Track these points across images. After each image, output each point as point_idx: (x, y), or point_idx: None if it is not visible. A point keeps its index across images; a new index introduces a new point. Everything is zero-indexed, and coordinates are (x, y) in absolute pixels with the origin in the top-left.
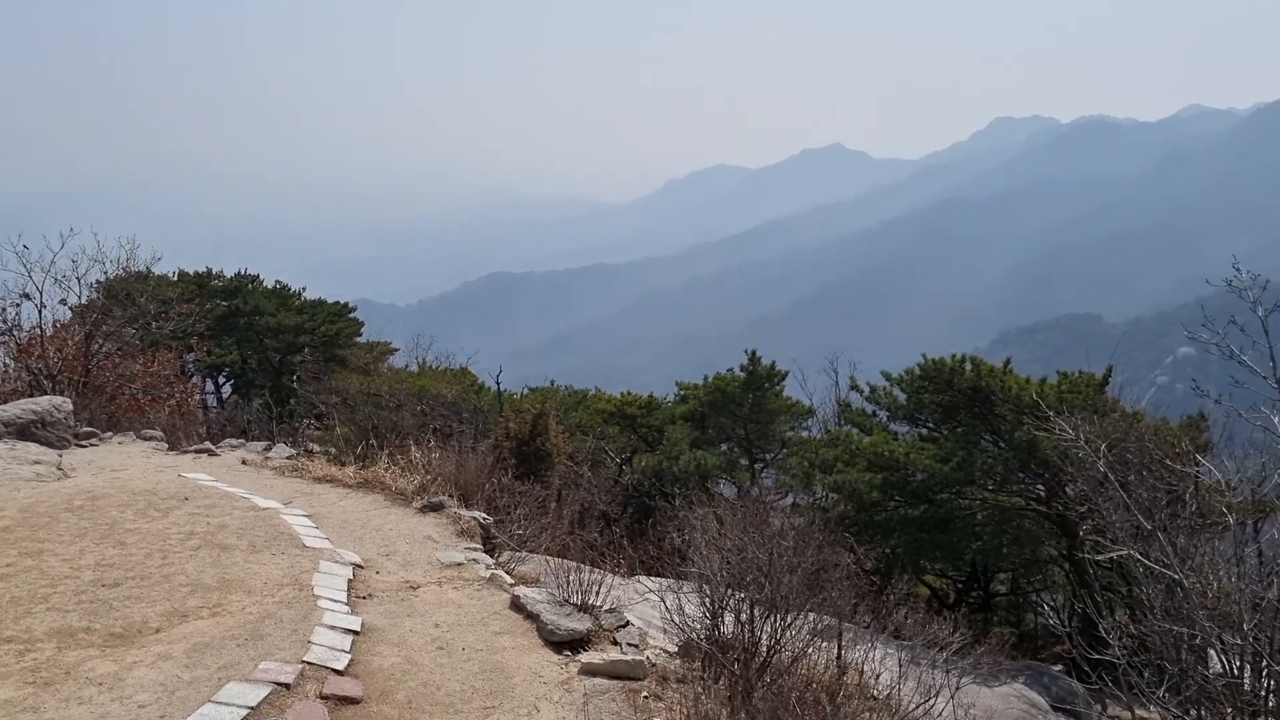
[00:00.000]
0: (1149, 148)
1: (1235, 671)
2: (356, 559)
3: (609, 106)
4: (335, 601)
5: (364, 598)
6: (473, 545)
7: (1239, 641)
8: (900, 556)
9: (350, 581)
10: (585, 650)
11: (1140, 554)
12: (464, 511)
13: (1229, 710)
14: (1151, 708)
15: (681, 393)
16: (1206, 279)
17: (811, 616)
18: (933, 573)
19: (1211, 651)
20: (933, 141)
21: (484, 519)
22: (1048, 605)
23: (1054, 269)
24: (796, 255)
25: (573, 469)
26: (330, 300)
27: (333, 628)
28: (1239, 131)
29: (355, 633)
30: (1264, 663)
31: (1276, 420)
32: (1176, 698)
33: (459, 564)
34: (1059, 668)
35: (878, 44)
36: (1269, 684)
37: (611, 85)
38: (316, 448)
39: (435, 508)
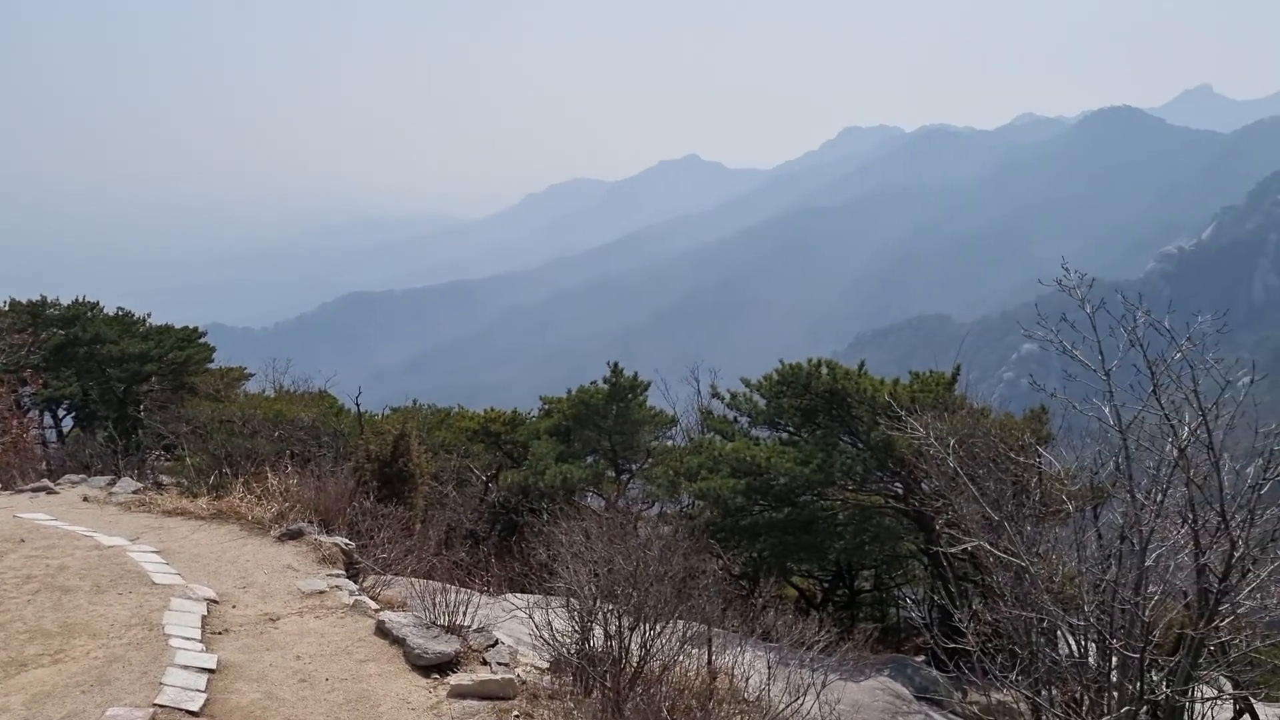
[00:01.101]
0: (987, 155)
1: (1081, 651)
2: (211, 594)
3: (460, 120)
4: (188, 640)
5: (220, 633)
6: (335, 572)
7: (1082, 622)
8: (767, 560)
9: (204, 618)
10: (454, 672)
11: (990, 544)
12: (325, 537)
13: (1077, 688)
14: (1006, 690)
15: (545, 407)
16: (1039, 279)
17: (681, 624)
18: (799, 574)
19: (1060, 633)
20: (785, 151)
21: (346, 544)
22: (909, 599)
23: (905, 272)
24: (657, 266)
25: (437, 489)
26: (179, 326)
27: (186, 667)
28: (1068, 138)
29: (211, 671)
30: (1106, 640)
31: (1107, 410)
32: (1028, 679)
33: (321, 592)
34: (921, 658)
35: (730, 55)
36: (1112, 660)
37: (461, 98)
38: (167, 480)
39: (295, 535)
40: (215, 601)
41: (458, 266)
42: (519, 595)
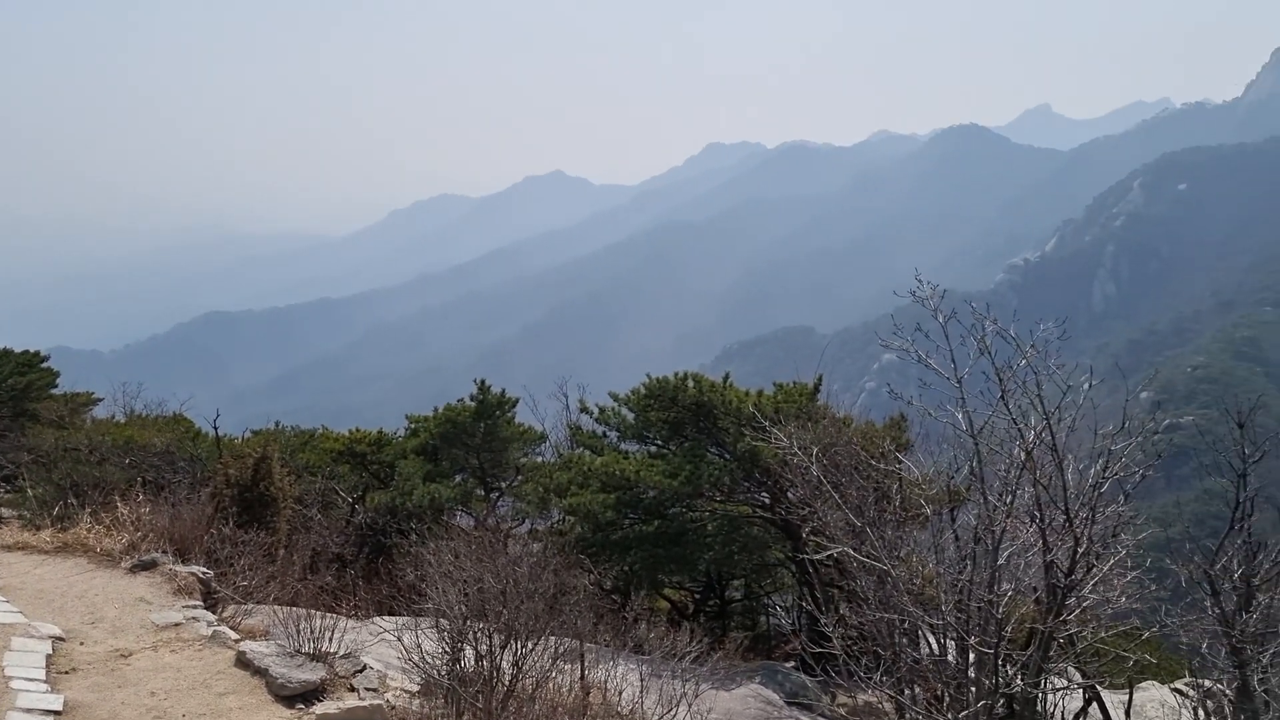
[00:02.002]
0: (846, 170)
1: (941, 649)
2: (56, 631)
3: (322, 137)
4: (32, 680)
5: (67, 672)
6: (192, 603)
7: (941, 621)
8: (638, 573)
9: (49, 657)
10: (320, 701)
11: (854, 549)
12: (181, 567)
13: (938, 685)
14: (871, 691)
15: (412, 426)
16: (894, 291)
17: (553, 640)
18: (671, 586)
19: (921, 633)
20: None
21: (203, 573)
22: (779, 606)
23: (769, 285)
24: (525, 282)
25: (301, 512)
26: (18, 350)
27: (29, 710)
28: (921, 155)
29: (56, 713)
30: (964, 638)
31: (960, 416)
32: (892, 679)
33: (177, 624)
34: (791, 664)
35: (595, 72)
36: (970, 657)
37: (323, 114)
38: (7, 513)
39: (148, 566)
40: (61, 639)
41: (322, 284)
42: (388, 618)
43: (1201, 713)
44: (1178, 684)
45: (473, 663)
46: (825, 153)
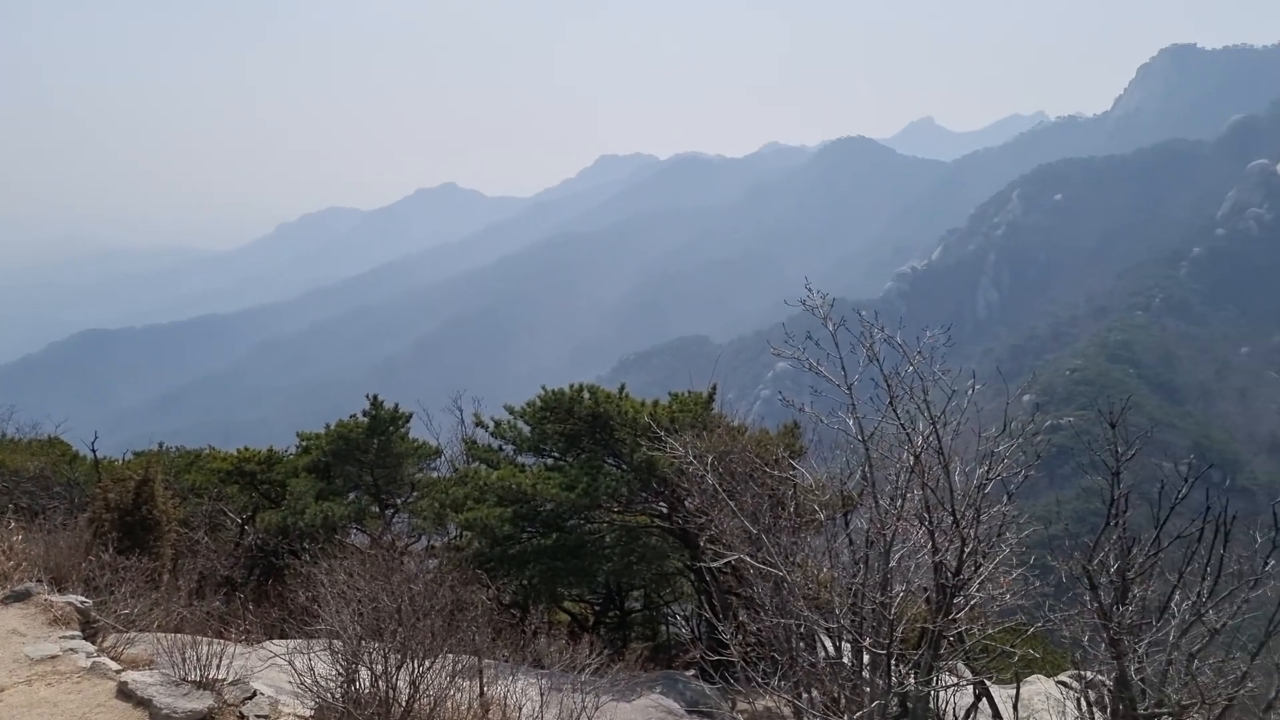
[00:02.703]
0: (737, 181)
1: (836, 652)
2: None
3: (204, 147)
4: None
5: None
6: (70, 633)
7: (836, 625)
8: (537, 586)
9: None
10: None
11: (750, 556)
12: (57, 597)
13: (834, 688)
14: (770, 696)
15: (304, 444)
16: (785, 300)
17: (450, 657)
18: (570, 598)
19: (818, 637)
20: (544, 179)
21: (82, 602)
22: (679, 615)
23: (665, 296)
24: (418, 295)
25: (188, 536)
26: None
27: None
28: (811, 166)
29: None
30: (858, 640)
31: (851, 423)
32: (789, 683)
33: (53, 656)
34: (691, 672)
35: (486, 84)
36: (864, 658)
37: (207, 124)
38: None
39: (21, 597)
40: None
41: (207, 300)
42: (279, 642)
43: (1084, 704)
44: (1062, 677)
45: (368, 684)
46: (717, 164)
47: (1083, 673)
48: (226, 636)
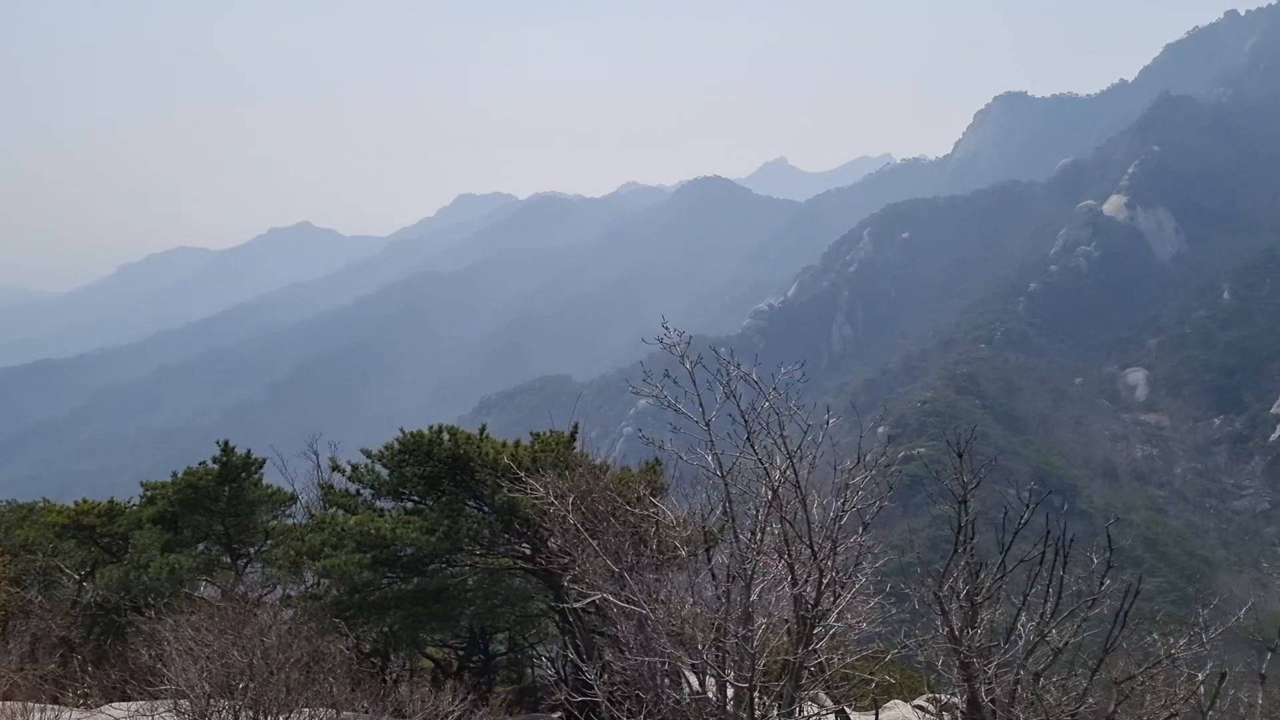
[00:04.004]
0: (597, 220)
1: (701, 687)
2: None
3: (35, 183)
4: None
5: None
6: None
7: (699, 660)
8: (398, 633)
9: None
10: None
11: (614, 595)
12: None
13: None
14: None
15: (149, 494)
16: (643, 338)
17: (307, 712)
18: (433, 644)
19: (683, 673)
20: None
21: None
22: (544, 657)
23: (526, 335)
24: (272, 337)
25: (19, 595)
26: None
27: None
28: (669, 205)
29: None
30: (721, 675)
31: (710, 459)
32: None
33: None
34: (557, 715)
35: (339, 123)
36: (728, 692)
37: (34, 159)
38: None
39: None
40: None
41: (41, 344)
42: (120, 705)
43: None
44: (918, 701)
45: None
46: (576, 204)
47: (938, 696)
48: (63, 701)
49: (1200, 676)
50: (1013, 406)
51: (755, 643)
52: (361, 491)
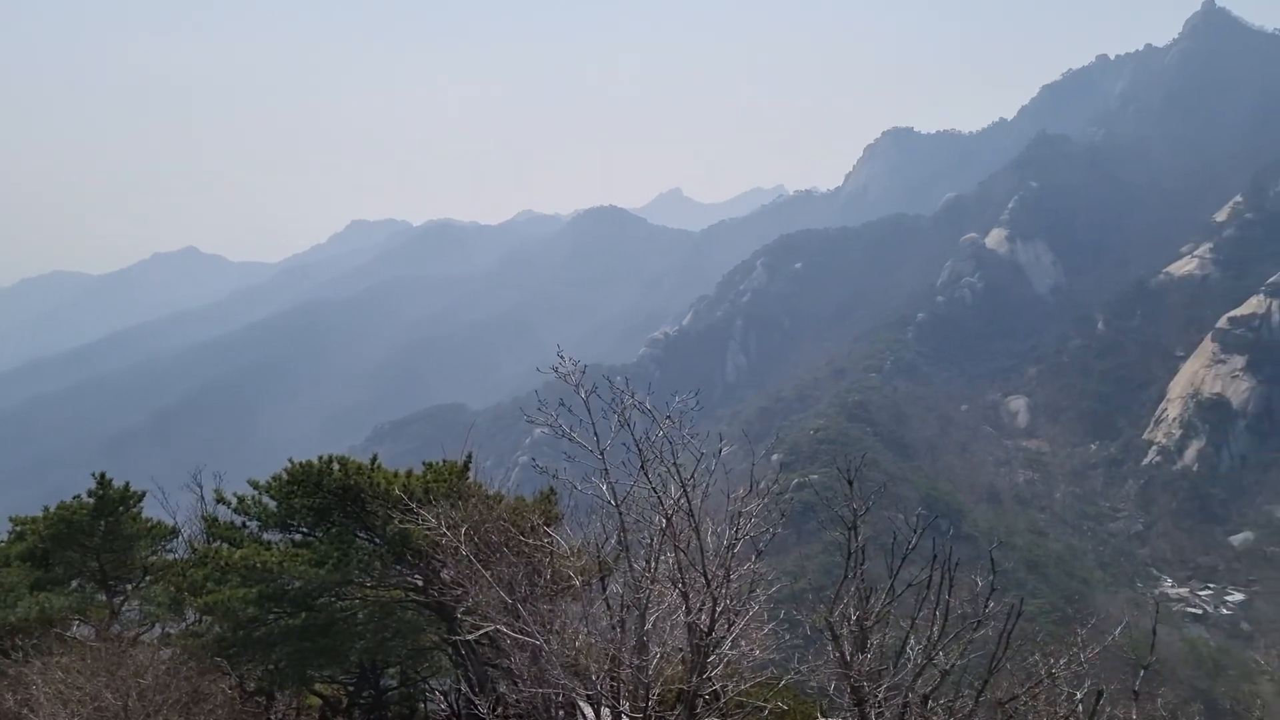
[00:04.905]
0: (492, 248)
1: (596, 718)
2: None
3: None
4: None
5: None
6: None
7: (593, 691)
8: (285, 670)
9: None
10: None
11: (508, 626)
12: None
13: None
14: None
15: (17, 529)
16: (538, 367)
17: None
18: (322, 680)
19: (577, 704)
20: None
21: None
22: (437, 691)
23: (421, 363)
24: (155, 365)
25: None
26: None
27: None
28: (565, 234)
29: None
30: (615, 705)
31: (605, 488)
32: None
33: None
34: None
35: (229, 146)
36: None
37: None
38: None
39: None
40: None
41: None
42: None
43: None
44: None
45: None
46: (472, 231)
47: None
48: None
49: (1079, 695)
50: (902, 434)
51: (650, 672)
52: (248, 524)
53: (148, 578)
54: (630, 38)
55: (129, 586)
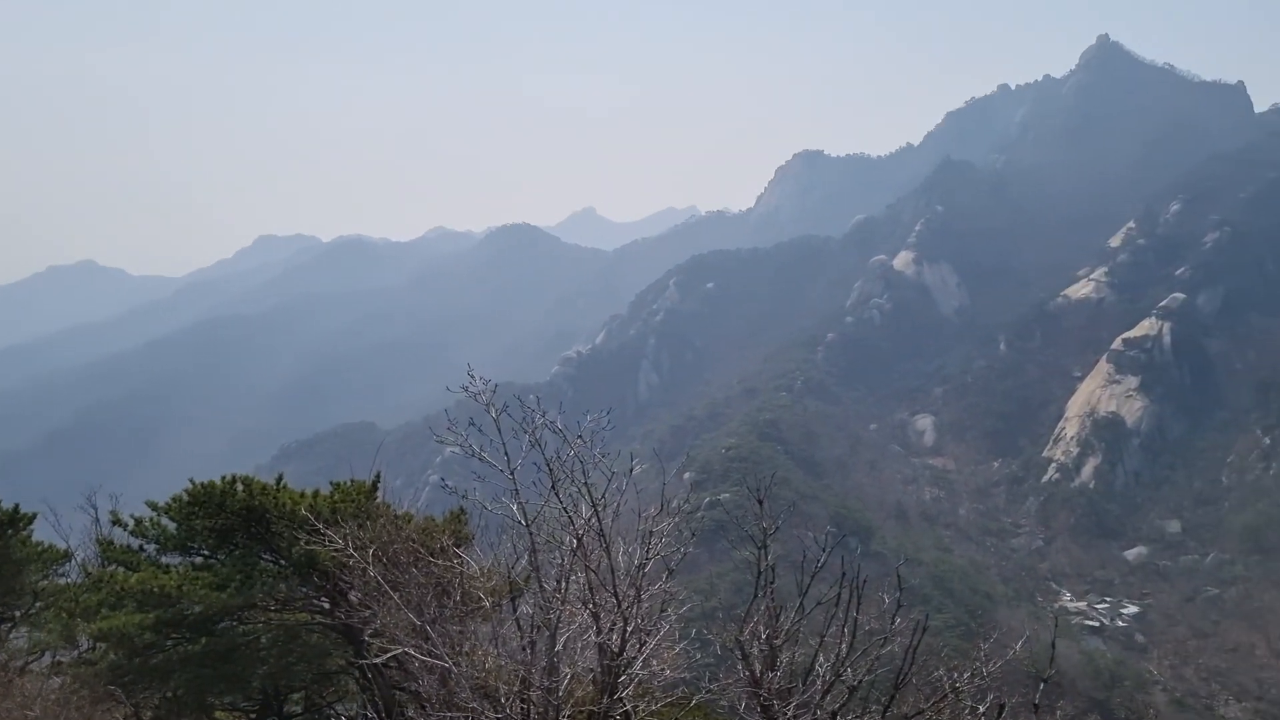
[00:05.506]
0: (404, 265)
1: None
2: None
3: None
4: None
5: None
6: None
7: (502, 714)
8: (183, 698)
9: None
10: None
11: (416, 649)
12: None
13: None
14: None
15: None
16: (448, 387)
17: None
18: (222, 707)
19: None
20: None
21: None
22: (344, 716)
23: (330, 381)
24: (47, 382)
25: None
26: None
27: None
28: (478, 251)
29: None
30: None
31: (515, 508)
32: None
33: None
34: None
35: (129, 157)
36: None
37: None
38: None
39: None
40: None
41: None
42: None
43: None
44: None
45: None
46: (382, 247)
47: None
48: None
49: (981, 709)
50: (812, 452)
51: (560, 693)
52: (145, 547)
53: (38, 604)
54: (539, 57)
55: (17, 613)
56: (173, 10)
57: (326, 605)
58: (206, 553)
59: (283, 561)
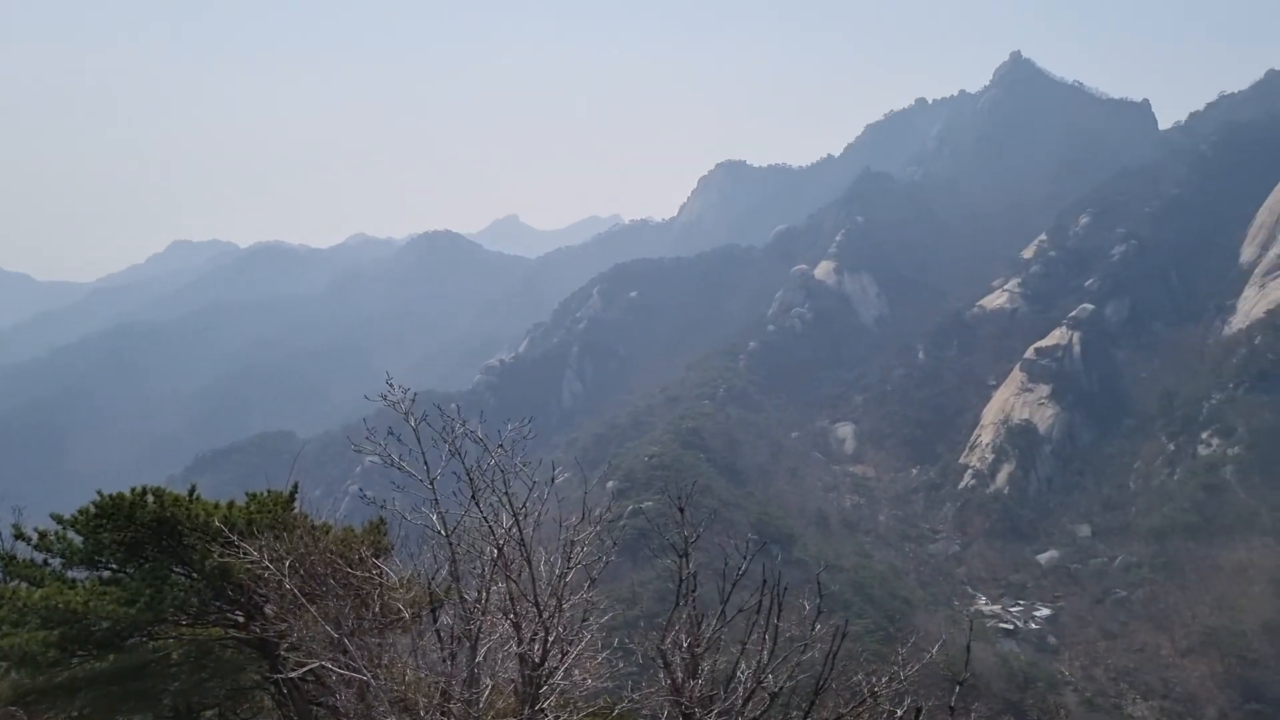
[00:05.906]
0: (323, 272)
1: None
2: None
3: None
4: None
5: None
6: None
7: None
8: (90, 717)
9: None
10: None
11: (333, 662)
12: None
13: None
14: None
15: None
16: (365, 395)
17: None
18: None
19: None
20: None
21: None
22: None
23: (246, 389)
24: None
25: None
26: None
27: None
28: (399, 258)
29: None
30: None
31: (435, 517)
32: None
33: None
34: None
35: (33, 158)
36: None
37: None
38: None
39: None
40: None
41: None
42: None
43: None
44: None
45: None
46: (302, 254)
47: None
48: None
49: (899, 712)
50: (735, 460)
51: (481, 705)
52: (50, 561)
53: None
54: (463, 61)
55: None
56: (71, 8)
57: (241, 619)
58: (115, 567)
59: (195, 575)
